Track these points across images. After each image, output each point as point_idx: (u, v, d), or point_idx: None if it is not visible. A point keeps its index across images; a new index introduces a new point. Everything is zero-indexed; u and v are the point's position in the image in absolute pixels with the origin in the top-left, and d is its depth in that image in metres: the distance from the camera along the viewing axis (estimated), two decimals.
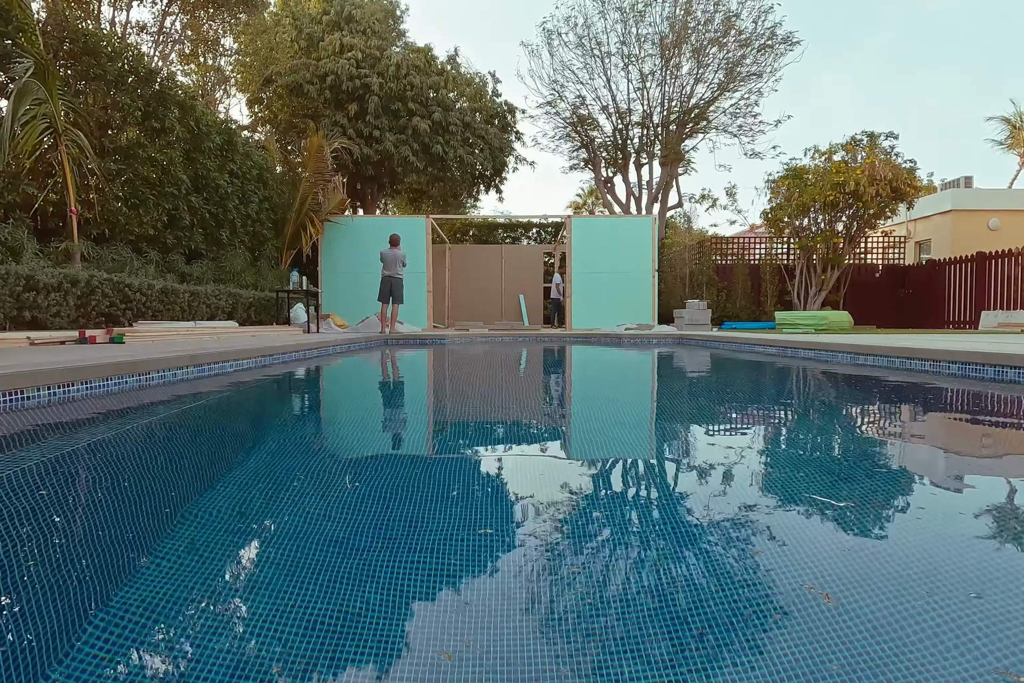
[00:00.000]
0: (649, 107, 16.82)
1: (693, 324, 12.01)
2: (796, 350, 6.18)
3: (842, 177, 11.94)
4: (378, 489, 1.55)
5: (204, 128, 9.28)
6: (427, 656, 0.76)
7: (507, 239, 18.95)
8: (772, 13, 16.39)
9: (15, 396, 2.61)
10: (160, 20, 14.48)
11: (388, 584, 0.96)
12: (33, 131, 6.44)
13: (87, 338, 5.42)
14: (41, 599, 0.90)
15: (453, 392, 4.02)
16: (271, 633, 0.81)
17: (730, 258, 15.19)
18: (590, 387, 4.44)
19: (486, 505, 1.39)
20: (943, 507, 1.41)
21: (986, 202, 16.16)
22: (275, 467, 1.82)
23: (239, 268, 10.45)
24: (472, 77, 16.96)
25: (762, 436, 2.38)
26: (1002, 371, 3.71)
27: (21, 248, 6.24)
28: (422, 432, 2.53)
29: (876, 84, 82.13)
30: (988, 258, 12.84)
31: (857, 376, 4.49)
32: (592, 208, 29.73)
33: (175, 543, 1.15)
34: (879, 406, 3.20)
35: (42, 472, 1.64)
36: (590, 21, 16.24)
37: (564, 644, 0.79)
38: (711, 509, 1.34)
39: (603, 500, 1.45)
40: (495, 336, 10.68)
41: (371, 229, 12.82)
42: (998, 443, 2.28)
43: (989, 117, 23.54)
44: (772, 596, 0.91)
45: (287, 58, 15.23)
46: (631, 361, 6.61)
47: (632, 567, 1.04)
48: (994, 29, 74.96)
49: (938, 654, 0.74)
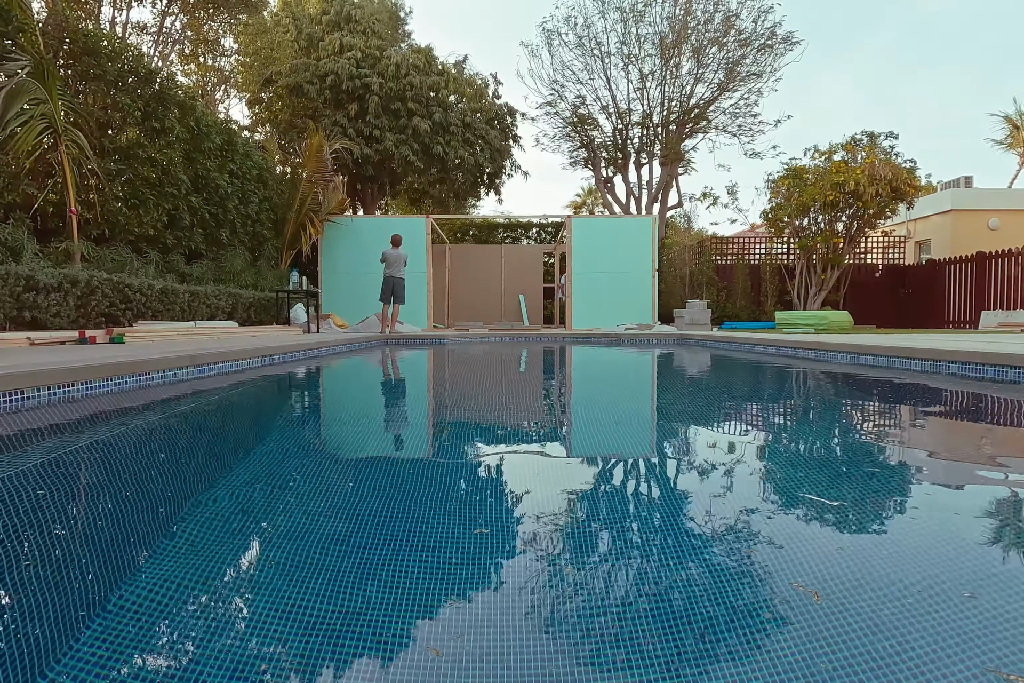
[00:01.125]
0: (649, 107, 16.82)
1: (693, 324, 12.01)
2: (796, 350, 6.18)
3: (842, 177, 11.94)
4: (377, 488, 1.55)
5: (204, 128, 9.28)
6: (425, 656, 0.76)
7: (507, 239, 18.94)
8: (772, 13, 16.38)
9: (15, 396, 2.61)
10: (160, 20, 14.48)
11: (388, 584, 0.96)
12: (33, 131, 6.44)
13: (87, 338, 5.42)
14: (40, 599, 0.90)
15: (452, 392, 4.02)
16: (271, 633, 0.81)
17: (730, 258, 15.19)
18: (589, 387, 4.44)
19: (485, 503, 1.39)
20: (939, 507, 1.41)
21: (986, 202, 16.15)
22: (275, 467, 1.82)
23: (239, 268, 10.45)
24: (472, 77, 16.96)
25: (762, 436, 2.38)
26: (1002, 371, 3.71)
27: (21, 248, 6.24)
28: (422, 432, 2.53)
29: (876, 84, 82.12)
30: (988, 258, 12.83)
31: (857, 376, 4.49)
32: (592, 208, 29.73)
33: (175, 542, 1.15)
34: (879, 406, 3.20)
35: (41, 472, 1.64)
36: (590, 21, 16.25)
37: (564, 644, 0.79)
38: (711, 509, 1.34)
39: (602, 499, 1.45)
40: (495, 336, 10.68)
41: (371, 229, 12.82)
42: (997, 443, 2.28)
43: (992, 113, 23.53)
44: (772, 596, 0.91)
45: (287, 58, 15.23)
46: (631, 361, 6.61)
47: (632, 566, 1.04)
48: (994, 29, 74.96)
49: (937, 654, 0.74)
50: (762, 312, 14.37)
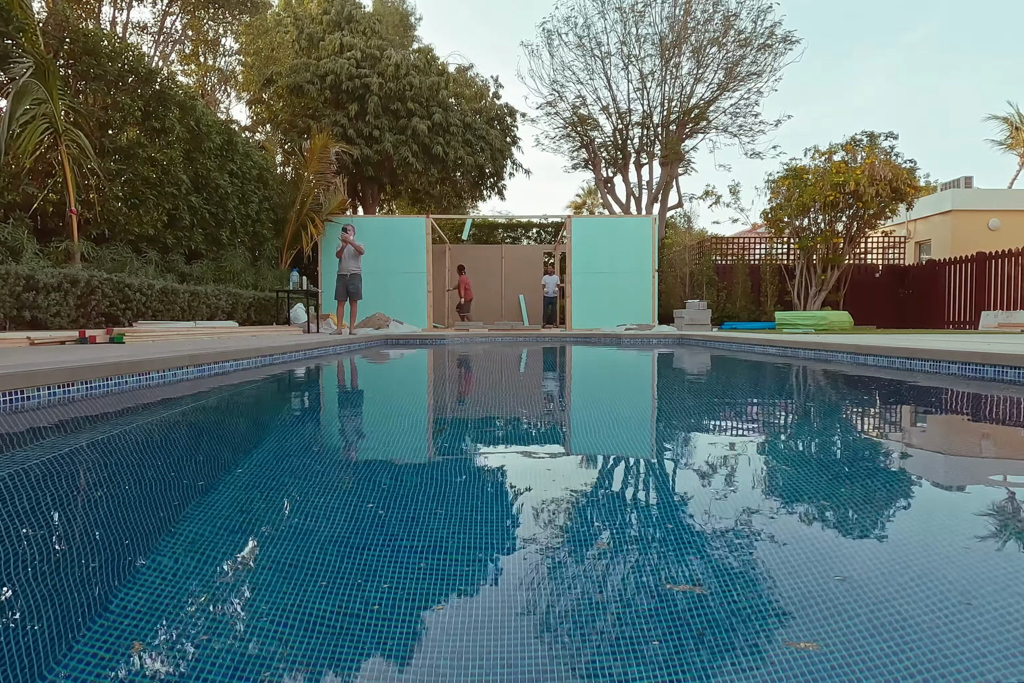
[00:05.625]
0: (649, 107, 16.83)
1: (693, 324, 12.00)
2: (796, 350, 6.18)
3: (842, 177, 11.94)
4: (376, 488, 1.55)
5: (204, 128, 9.28)
6: (428, 655, 0.76)
7: (507, 239, 18.95)
8: (771, 13, 16.40)
9: (15, 396, 2.61)
10: (160, 20, 14.48)
11: (388, 583, 0.96)
12: (33, 131, 6.44)
13: (87, 338, 5.41)
14: (40, 599, 0.90)
15: (451, 392, 4.02)
16: (272, 632, 0.81)
17: (730, 258, 15.18)
18: (589, 388, 4.44)
19: (484, 502, 1.39)
20: (938, 507, 1.41)
21: (986, 202, 16.14)
22: (274, 467, 1.82)
23: (239, 268, 10.45)
24: (473, 78, 16.95)
25: (761, 436, 2.38)
26: (1002, 371, 3.71)
27: (21, 248, 6.24)
28: (421, 432, 2.53)
29: (877, 83, 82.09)
30: (988, 258, 12.83)
31: (857, 376, 4.49)
32: (592, 208, 29.72)
33: (176, 542, 1.15)
34: (878, 406, 3.20)
35: (40, 472, 1.64)
36: (590, 21, 16.26)
37: (566, 644, 0.79)
38: (710, 508, 1.34)
39: (602, 498, 1.45)
40: (495, 336, 10.68)
41: (372, 229, 12.81)
42: (997, 443, 2.28)
43: (989, 117, 23.51)
44: (771, 595, 0.91)
45: (287, 58, 15.23)
46: (631, 361, 6.61)
47: (632, 565, 1.04)
48: (995, 28, 74.96)
49: (937, 655, 0.74)
50: (762, 312, 14.37)
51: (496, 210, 35.43)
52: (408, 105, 14.64)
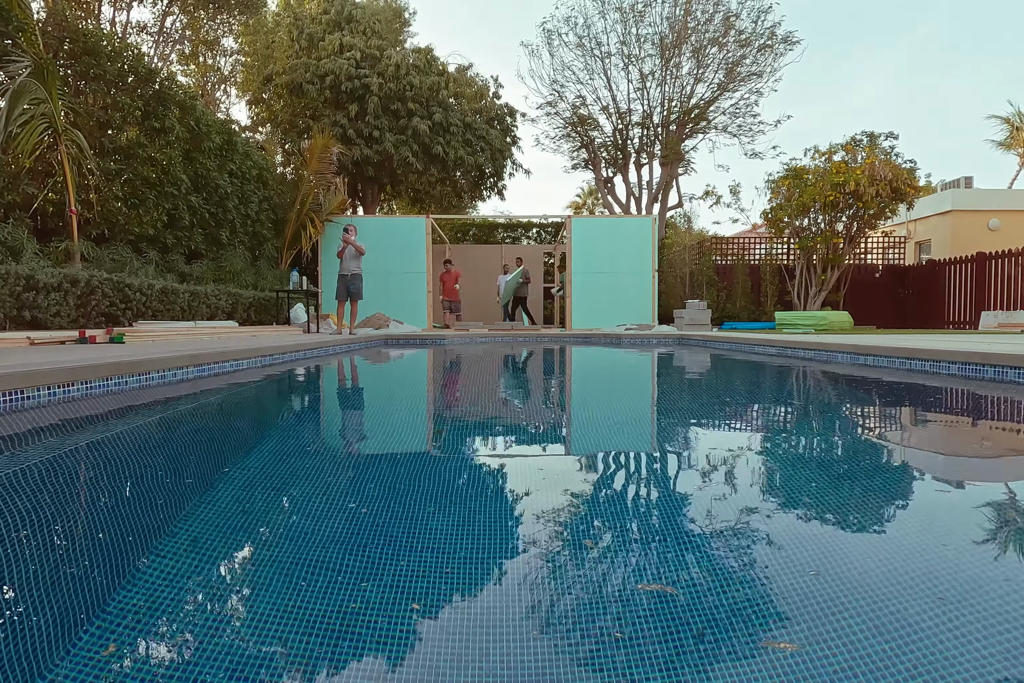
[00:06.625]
0: (649, 107, 16.82)
1: (693, 324, 12.00)
2: (796, 350, 6.18)
3: (842, 177, 11.93)
4: (376, 487, 1.55)
5: (204, 128, 9.28)
6: (427, 655, 0.76)
7: (507, 239, 18.94)
8: (771, 13, 16.40)
9: (15, 396, 2.61)
10: (160, 20, 14.48)
11: (388, 582, 0.96)
12: (32, 131, 6.44)
13: (87, 338, 5.41)
14: (40, 600, 0.90)
15: (451, 392, 4.02)
16: (272, 632, 0.81)
17: (730, 258, 15.18)
18: (590, 388, 4.44)
19: (484, 502, 1.39)
20: (938, 507, 1.41)
21: (986, 202, 16.14)
22: (274, 467, 1.82)
23: (239, 268, 10.45)
24: (473, 78, 16.94)
25: (761, 436, 2.38)
26: (1002, 371, 3.71)
27: (21, 248, 6.24)
28: (421, 432, 2.53)
29: (877, 83, 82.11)
30: (988, 258, 12.83)
31: (857, 376, 4.48)
32: (592, 208, 29.71)
33: (176, 542, 1.15)
34: (878, 406, 3.20)
35: (40, 472, 1.64)
36: (590, 21, 16.24)
37: (566, 644, 0.79)
38: (710, 507, 1.34)
39: (601, 498, 1.45)
40: (495, 336, 10.67)
41: (372, 229, 12.80)
42: (996, 443, 2.28)
43: (989, 117, 23.52)
44: (771, 594, 0.91)
45: (287, 58, 15.22)
46: (631, 362, 6.61)
47: (632, 564, 1.04)
48: (995, 28, 74.96)
49: (936, 655, 0.74)
50: (762, 312, 14.37)
51: (496, 210, 35.44)
52: (408, 105, 14.64)
